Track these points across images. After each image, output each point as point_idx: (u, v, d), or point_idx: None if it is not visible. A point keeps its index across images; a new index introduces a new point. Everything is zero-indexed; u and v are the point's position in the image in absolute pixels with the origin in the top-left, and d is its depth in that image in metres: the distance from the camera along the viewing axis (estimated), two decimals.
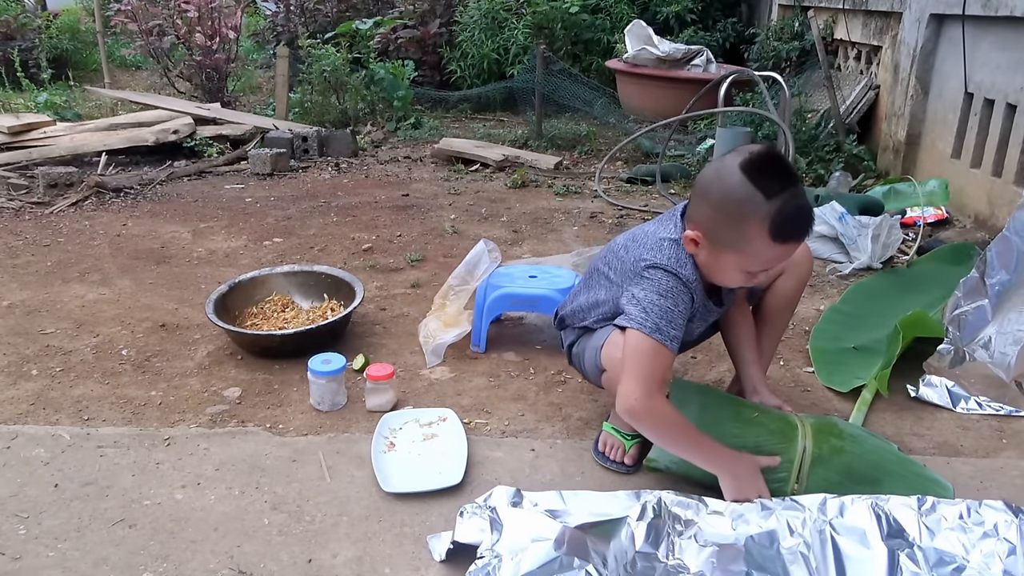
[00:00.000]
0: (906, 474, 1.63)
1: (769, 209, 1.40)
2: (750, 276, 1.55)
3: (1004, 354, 2.08)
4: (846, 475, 1.60)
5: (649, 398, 1.49)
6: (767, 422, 1.69)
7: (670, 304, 1.52)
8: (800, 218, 1.44)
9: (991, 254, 2.18)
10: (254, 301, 2.54)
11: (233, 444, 1.87)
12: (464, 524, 1.48)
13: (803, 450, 1.62)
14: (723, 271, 1.55)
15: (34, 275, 2.96)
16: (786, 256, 1.53)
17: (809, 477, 1.60)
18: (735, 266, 1.52)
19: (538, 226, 3.62)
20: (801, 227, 1.45)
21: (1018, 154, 3.19)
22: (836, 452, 1.63)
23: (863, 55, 4.85)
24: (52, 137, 4.65)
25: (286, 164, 4.64)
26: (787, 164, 1.48)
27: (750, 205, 1.41)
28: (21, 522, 1.59)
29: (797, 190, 1.43)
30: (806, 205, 1.44)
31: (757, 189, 1.40)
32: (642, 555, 1.41)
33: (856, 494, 1.51)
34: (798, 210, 1.42)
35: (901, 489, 1.54)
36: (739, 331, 1.84)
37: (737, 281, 1.57)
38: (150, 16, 6.57)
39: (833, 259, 3.12)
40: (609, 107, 5.54)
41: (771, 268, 1.58)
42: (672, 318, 1.52)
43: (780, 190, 1.40)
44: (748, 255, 1.49)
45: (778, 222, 1.41)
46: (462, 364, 2.29)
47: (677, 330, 1.52)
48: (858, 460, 1.63)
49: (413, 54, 6.62)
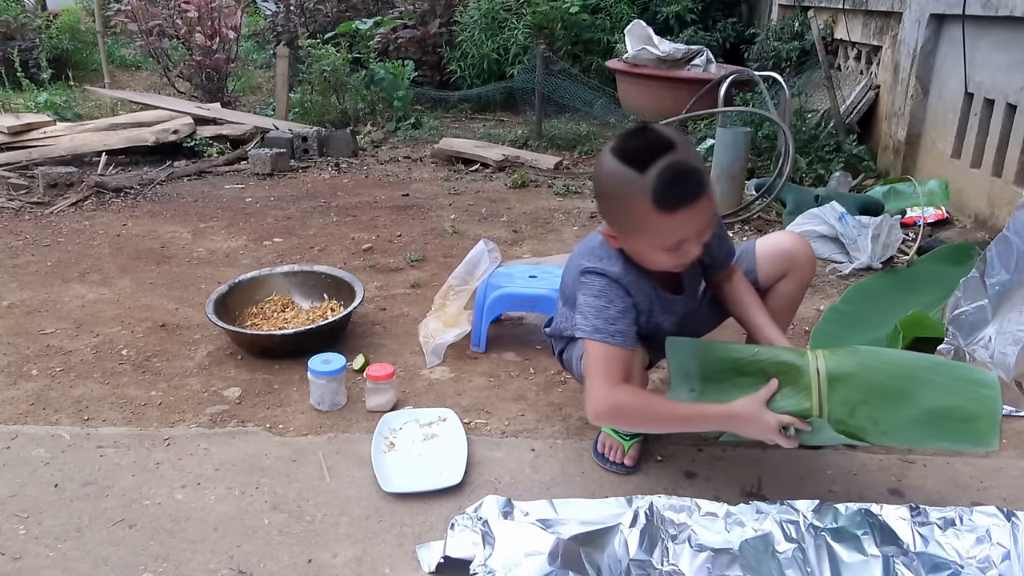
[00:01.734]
0: (942, 380, 1.46)
1: (646, 183, 1.36)
2: (673, 253, 1.47)
3: (1004, 354, 2.08)
4: (870, 391, 1.47)
5: (608, 398, 1.48)
6: (769, 355, 1.56)
7: (603, 303, 1.52)
8: (679, 181, 1.36)
9: (991, 254, 2.19)
10: (254, 301, 2.54)
11: (233, 444, 1.87)
12: (455, 537, 1.48)
13: (817, 372, 1.49)
14: (645, 256, 1.52)
15: (34, 275, 2.96)
16: (691, 223, 1.42)
17: (830, 401, 1.47)
18: (650, 248, 1.48)
19: (538, 226, 3.62)
20: (684, 189, 1.38)
21: (1018, 154, 3.19)
22: (853, 366, 1.49)
23: (863, 55, 4.85)
24: (52, 137, 4.65)
25: (286, 164, 4.64)
26: (656, 133, 1.40)
27: (628, 185, 1.39)
28: (21, 522, 1.59)
29: (672, 155, 1.36)
30: (683, 166, 1.37)
31: (629, 167, 1.38)
32: (636, 563, 1.40)
33: (888, 413, 1.44)
34: (674, 175, 1.36)
35: (940, 399, 1.44)
36: (742, 303, 1.75)
37: (667, 262, 1.51)
38: (150, 16, 6.57)
39: (833, 259, 3.12)
40: (609, 107, 5.54)
41: (689, 238, 1.45)
42: (609, 315, 1.51)
43: (651, 160, 1.36)
44: (650, 233, 1.45)
45: (659, 192, 1.36)
46: (462, 364, 2.29)
47: (618, 325, 1.51)
48: (880, 373, 1.48)
49: (413, 54, 6.62)
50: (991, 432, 1.42)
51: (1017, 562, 1.42)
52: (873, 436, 1.49)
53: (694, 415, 1.53)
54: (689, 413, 1.52)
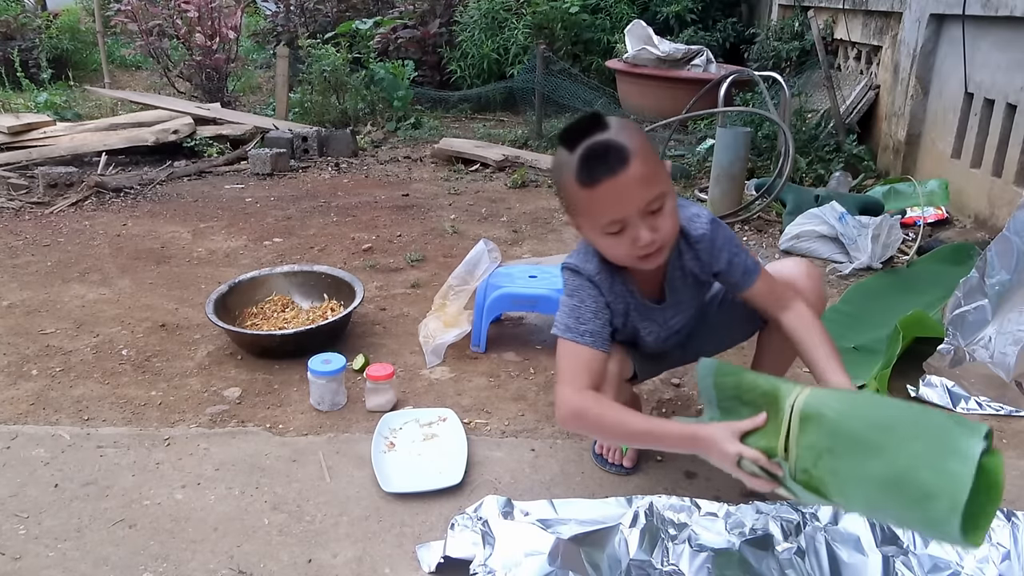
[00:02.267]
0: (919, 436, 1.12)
1: (572, 159, 1.35)
2: (619, 239, 1.39)
3: (1004, 354, 2.08)
4: (839, 438, 1.19)
5: (569, 402, 1.42)
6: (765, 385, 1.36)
7: (576, 302, 1.50)
8: (597, 154, 1.32)
9: (991, 254, 2.19)
10: (254, 301, 2.54)
11: (233, 444, 1.87)
12: (455, 537, 1.48)
13: (791, 408, 1.26)
14: (597, 244, 1.47)
15: (34, 275, 2.96)
16: (618, 200, 1.35)
17: (799, 443, 1.23)
18: (591, 232, 1.43)
19: (538, 226, 3.62)
20: (601, 161, 1.32)
21: (1018, 154, 3.19)
22: (833, 406, 1.23)
23: (863, 55, 4.85)
24: (52, 137, 4.65)
25: (286, 164, 4.64)
26: (593, 117, 1.36)
27: (563, 164, 1.38)
28: (21, 522, 1.59)
29: (601, 134, 1.33)
30: (605, 142, 1.32)
31: (564, 146, 1.37)
32: (636, 563, 1.40)
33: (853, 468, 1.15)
34: (593, 148, 1.32)
35: (904, 461, 1.11)
36: (800, 340, 1.55)
37: (621, 252, 1.42)
38: (150, 16, 6.57)
39: (833, 259, 3.12)
40: (609, 107, 5.54)
41: (628, 221, 1.37)
42: (580, 314, 1.48)
43: (581, 139, 1.34)
44: (583, 214, 1.41)
45: (577, 166, 1.34)
46: (462, 364, 2.29)
47: (589, 325, 1.48)
48: (859, 419, 1.19)
49: (413, 54, 6.62)
50: (949, 518, 1.04)
51: (1017, 562, 1.42)
52: (833, 493, 1.19)
53: (656, 432, 1.40)
54: (650, 429, 1.41)
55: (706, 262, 1.55)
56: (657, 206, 1.37)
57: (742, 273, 1.54)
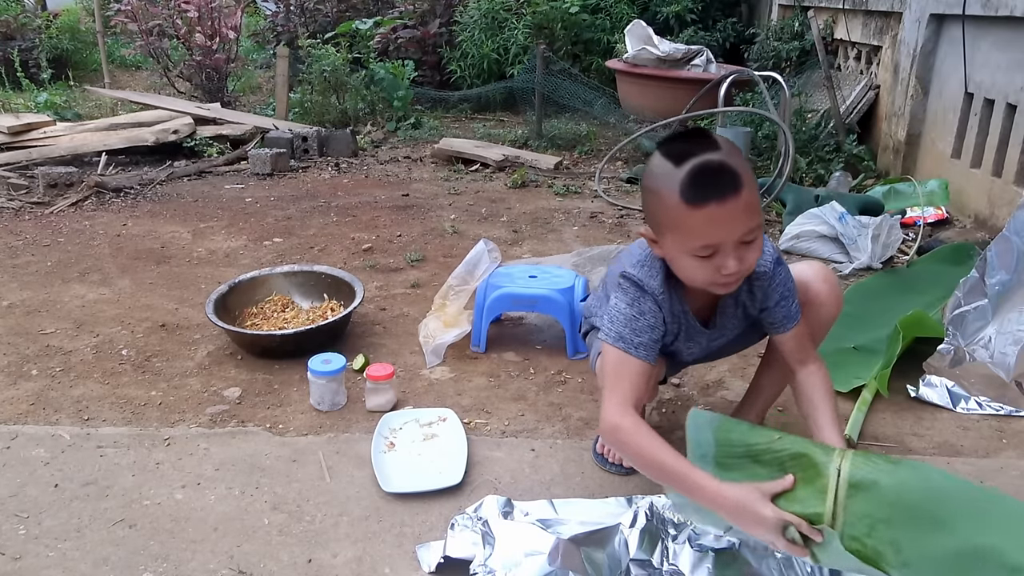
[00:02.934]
0: (991, 513, 1.20)
1: (679, 174, 1.33)
2: (705, 264, 1.37)
3: (1004, 354, 2.08)
4: (897, 509, 1.21)
5: (613, 418, 1.40)
6: (790, 445, 1.33)
7: (635, 312, 1.48)
8: (709, 175, 1.31)
9: (991, 254, 2.19)
10: (254, 301, 2.54)
11: (233, 444, 1.87)
12: (455, 537, 1.48)
13: (837, 472, 1.26)
14: (677, 262, 1.44)
15: (34, 275, 2.96)
16: (719, 225, 1.33)
17: (847, 511, 1.23)
18: (678, 249, 1.40)
19: (538, 226, 3.62)
20: (713, 185, 1.30)
21: (1018, 154, 3.19)
22: (884, 475, 1.24)
23: (863, 55, 4.85)
24: (52, 137, 4.65)
25: (286, 164, 4.64)
26: (703, 134, 1.37)
27: (664, 176, 1.36)
28: (21, 522, 1.59)
29: (712, 154, 1.32)
30: (719, 164, 1.31)
31: (668, 159, 1.36)
32: (636, 562, 1.40)
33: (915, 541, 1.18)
34: (706, 168, 1.31)
35: (983, 537, 1.17)
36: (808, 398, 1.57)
37: (701, 275, 1.40)
38: (150, 16, 6.57)
39: (833, 259, 3.12)
40: (609, 107, 5.53)
41: (721, 248, 1.35)
42: (636, 327, 1.46)
43: (690, 156, 1.32)
44: (678, 230, 1.37)
45: (685, 183, 1.31)
46: (462, 364, 2.29)
47: (643, 338, 1.46)
48: (915, 491, 1.22)
49: (413, 54, 6.62)
50: None
51: None
52: (892, 566, 1.20)
53: (686, 480, 1.32)
54: (681, 474, 1.32)
55: (759, 298, 1.56)
56: (751, 238, 1.36)
57: (783, 317, 1.56)
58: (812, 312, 1.61)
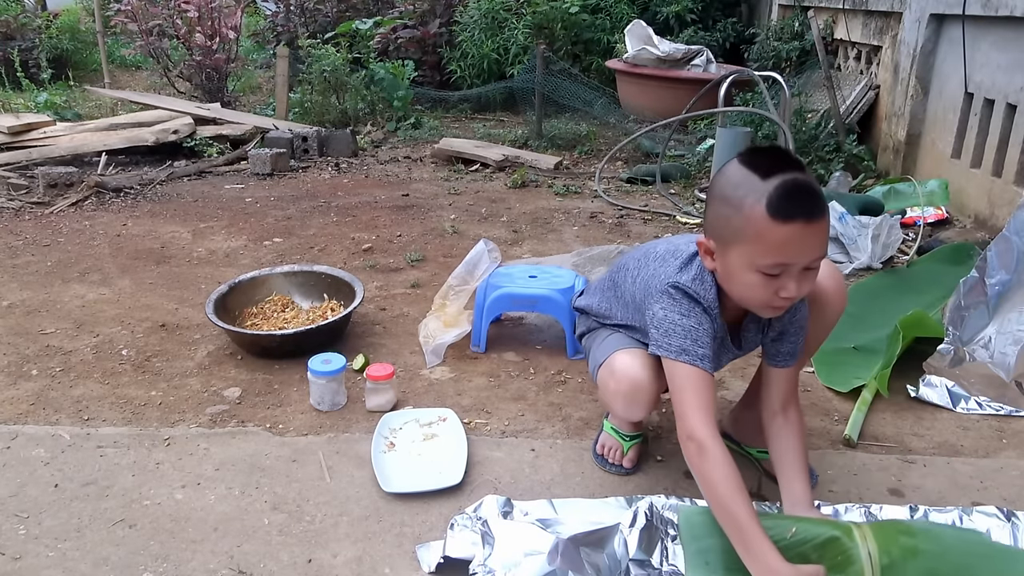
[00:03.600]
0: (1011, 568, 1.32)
1: (766, 187, 1.32)
2: (768, 283, 1.36)
3: (1004, 354, 2.08)
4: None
5: (702, 432, 1.36)
6: (810, 534, 1.34)
7: (693, 323, 1.45)
8: (800, 192, 1.31)
9: (991, 254, 2.19)
10: (254, 301, 2.54)
11: (233, 444, 1.87)
12: (455, 537, 1.48)
13: (868, 556, 1.29)
14: (736, 275, 1.40)
15: (34, 275, 2.96)
16: (798, 244, 1.32)
17: None
18: (745, 264, 1.37)
19: (538, 226, 3.62)
20: (802, 201, 1.30)
21: (1018, 154, 3.19)
22: (910, 553, 1.29)
23: (863, 55, 4.85)
24: (52, 137, 4.66)
25: (286, 164, 4.64)
26: (788, 153, 1.39)
27: (747, 186, 1.34)
28: (21, 522, 1.59)
29: (799, 172, 1.33)
30: (809, 183, 1.32)
31: (753, 172, 1.35)
32: (636, 562, 1.40)
33: None
34: (797, 185, 1.31)
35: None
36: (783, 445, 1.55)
37: (758, 293, 1.38)
38: (150, 16, 6.57)
39: (833, 259, 3.12)
40: (609, 107, 5.54)
41: (790, 268, 1.34)
42: (698, 337, 1.44)
43: (777, 171, 1.32)
44: (752, 242, 1.34)
45: (774, 196, 1.30)
46: (462, 364, 2.29)
47: (706, 349, 1.44)
48: (941, 560, 1.30)
49: (413, 54, 6.62)
50: None
51: None
52: None
53: (749, 544, 1.27)
54: (747, 535, 1.28)
55: (776, 327, 1.56)
56: (817, 265, 1.37)
57: (789, 353, 1.56)
58: (818, 309, 1.59)
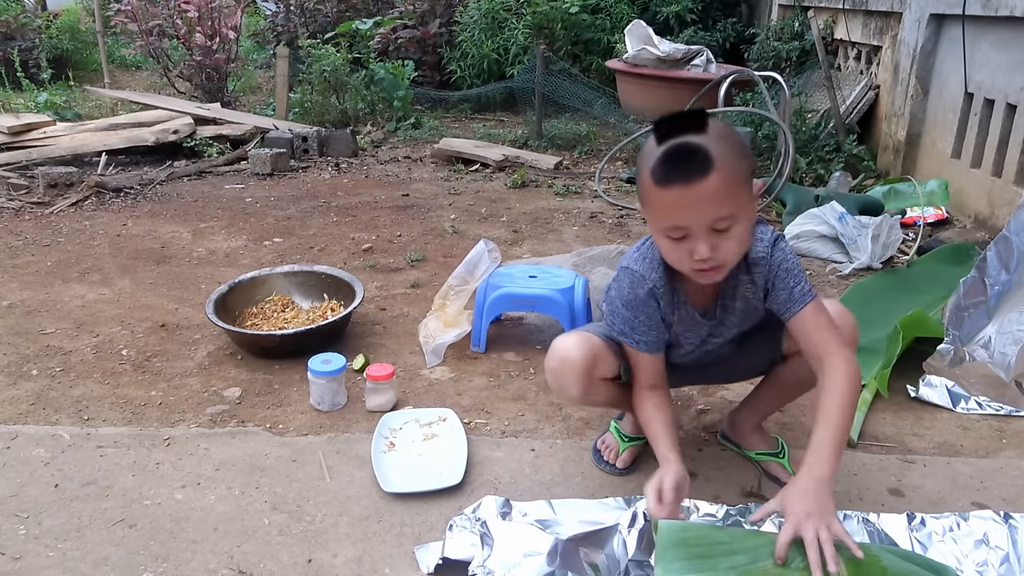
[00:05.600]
0: None
1: (655, 152, 1.30)
2: (677, 246, 1.34)
3: (1004, 354, 2.08)
4: None
5: (639, 392, 1.59)
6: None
7: (630, 314, 1.51)
8: (680, 156, 1.26)
9: (991, 254, 2.19)
10: (254, 301, 2.54)
11: (233, 444, 1.87)
12: (454, 538, 1.47)
13: None
14: (657, 243, 1.41)
15: (34, 275, 2.96)
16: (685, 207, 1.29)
17: None
18: (655, 230, 1.38)
19: (538, 226, 3.62)
20: (681, 166, 1.26)
21: (1018, 154, 3.19)
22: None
23: (863, 55, 4.85)
24: (52, 137, 4.66)
25: (286, 164, 4.64)
26: (697, 115, 1.30)
27: (646, 153, 1.33)
28: (21, 522, 1.59)
29: (692, 135, 1.27)
30: (690, 146, 1.26)
31: (654, 136, 1.32)
32: (635, 563, 1.40)
33: None
34: (678, 149, 1.27)
35: None
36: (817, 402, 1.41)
37: (676, 257, 1.37)
38: (150, 16, 6.57)
39: (833, 259, 3.12)
40: (609, 107, 5.53)
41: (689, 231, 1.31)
42: (634, 326, 1.52)
43: (671, 135, 1.28)
44: (649, 207, 1.35)
45: (655, 162, 1.28)
46: (462, 364, 2.29)
47: (643, 336, 1.52)
48: None
49: (413, 54, 6.62)
50: None
51: (1017, 564, 1.42)
52: None
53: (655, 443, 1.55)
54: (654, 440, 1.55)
55: (759, 286, 1.48)
56: (724, 226, 1.30)
57: (786, 300, 1.45)
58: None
